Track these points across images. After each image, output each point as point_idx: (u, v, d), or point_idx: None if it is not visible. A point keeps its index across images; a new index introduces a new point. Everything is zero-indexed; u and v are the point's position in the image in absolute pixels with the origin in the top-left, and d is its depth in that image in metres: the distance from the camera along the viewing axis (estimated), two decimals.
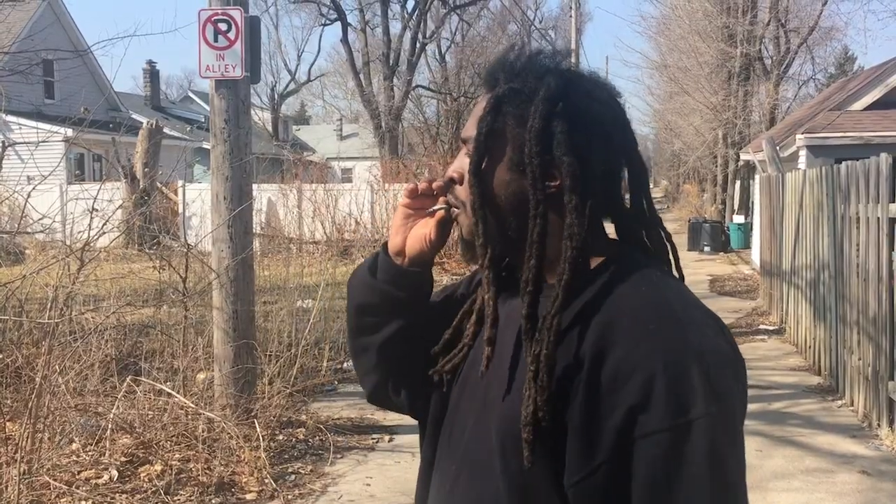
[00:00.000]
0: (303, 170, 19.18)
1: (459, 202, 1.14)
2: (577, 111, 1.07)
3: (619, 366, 0.97)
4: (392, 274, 1.21)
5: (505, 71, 1.12)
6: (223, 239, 5.48)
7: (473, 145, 1.10)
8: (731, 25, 20.67)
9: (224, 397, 5.34)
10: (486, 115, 1.09)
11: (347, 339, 1.36)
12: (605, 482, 0.98)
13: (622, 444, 0.96)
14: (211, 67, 5.43)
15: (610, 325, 1.00)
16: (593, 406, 0.98)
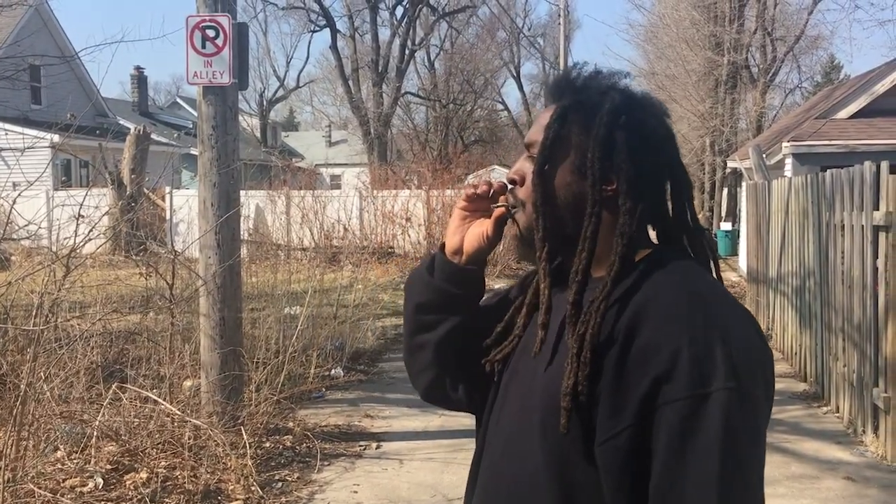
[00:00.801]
0: (291, 176, 19.17)
1: (519, 201, 1.26)
2: (636, 124, 1.21)
3: (648, 341, 1.08)
4: (449, 272, 1.33)
5: (570, 85, 1.26)
6: (210, 245, 5.47)
7: (539, 149, 1.23)
8: (718, 34, 20.82)
9: (211, 404, 5.32)
10: (553, 122, 1.22)
11: (404, 339, 1.45)
12: (627, 444, 1.07)
13: (646, 410, 1.06)
14: (199, 74, 5.42)
15: (644, 305, 1.12)
16: (623, 377, 1.08)
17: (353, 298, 9.46)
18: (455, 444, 5.65)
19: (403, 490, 4.78)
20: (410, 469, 5.14)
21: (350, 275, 11.62)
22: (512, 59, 51.87)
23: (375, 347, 8.68)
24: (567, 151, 1.21)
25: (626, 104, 1.21)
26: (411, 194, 18.13)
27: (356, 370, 7.74)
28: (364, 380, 7.51)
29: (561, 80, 1.29)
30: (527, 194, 1.24)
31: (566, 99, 1.24)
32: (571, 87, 1.26)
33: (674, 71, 24.21)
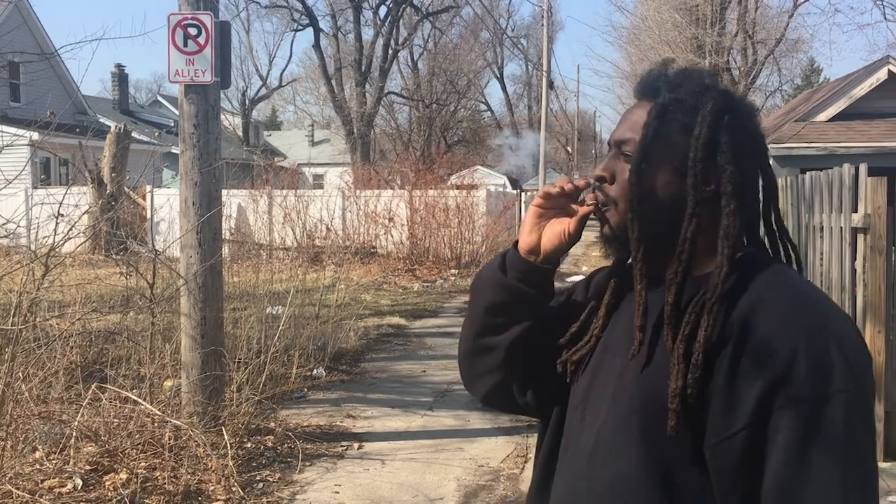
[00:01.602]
0: (274, 175, 19.08)
1: (611, 200, 1.24)
2: (739, 125, 1.21)
3: (763, 342, 1.08)
4: (524, 271, 1.29)
5: (665, 82, 1.24)
6: (192, 245, 5.44)
7: (638, 147, 1.20)
8: (699, 36, 20.96)
9: (191, 405, 5.29)
10: (653, 120, 1.20)
11: (465, 341, 1.39)
12: (742, 446, 1.07)
13: (762, 412, 1.06)
14: (180, 72, 5.40)
15: (754, 306, 1.11)
16: (737, 377, 1.08)
17: (336, 298, 9.44)
18: (437, 444, 5.65)
19: (385, 490, 4.78)
20: (392, 469, 5.14)
21: (332, 275, 11.59)
22: (495, 59, 51.99)
23: (358, 348, 8.67)
24: (666, 150, 1.20)
25: (728, 104, 1.21)
26: (394, 194, 18.11)
27: (338, 370, 7.72)
28: (346, 380, 7.50)
29: (654, 76, 1.27)
30: (620, 193, 1.22)
31: (663, 96, 1.22)
32: (667, 83, 1.24)
33: None
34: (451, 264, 16.74)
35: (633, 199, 1.20)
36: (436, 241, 17.25)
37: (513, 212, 22.20)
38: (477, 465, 5.25)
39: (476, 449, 5.56)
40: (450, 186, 19.07)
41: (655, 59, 23.98)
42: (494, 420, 6.27)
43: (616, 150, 1.25)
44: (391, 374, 7.84)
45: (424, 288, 14.58)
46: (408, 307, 11.97)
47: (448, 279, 15.70)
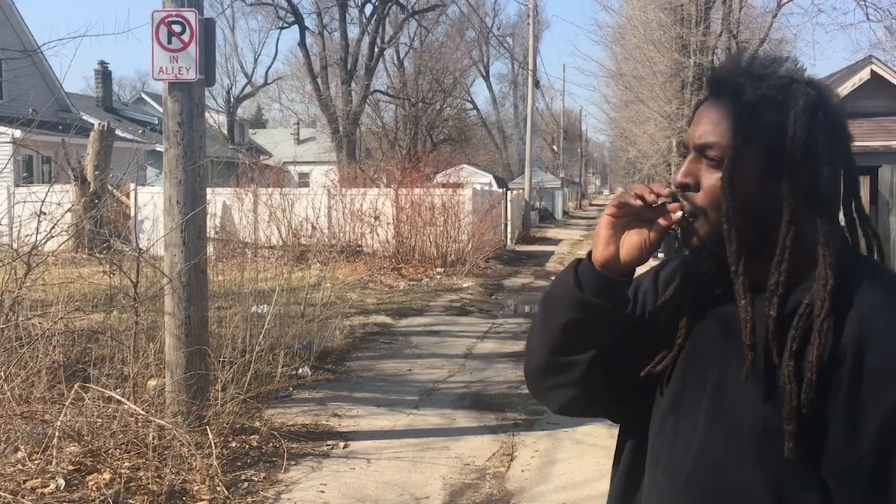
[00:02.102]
0: (259, 174, 18.99)
1: (699, 209, 1.15)
2: (832, 122, 1.14)
3: (884, 362, 1.03)
4: (602, 286, 1.20)
5: (747, 77, 1.15)
6: (176, 243, 5.41)
7: (730, 153, 1.12)
8: (684, 36, 21.04)
9: (175, 404, 5.26)
10: (742, 123, 1.12)
11: (541, 358, 1.28)
12: (869, 471, 1.03)
13: (889, 436, 1.02)
14: (164, 69, 5.36)
15: (867, 319, 1.05)
16: (858, 398, 1.03)
17: (321, 297, 9.42)
18: (423, 442, 5.65)
19: (371, 489, 4.77)
20: (378, 468, 5.13)
21: (318, 273, 11.56)
22: (481, 58, 52.04)
23: (343, 346, 8.65)
24: (757, 154, 1.12)
25: (819, 99, 1.14)
26: (380, 193, 18.08)
27: (324, 369, 7.70)
28: (332, 379, 7.48)
29: (730, 70, 1.18)
30: (709, 201, 1.14)
31: (749, 94, 1.13)
32: (749, 78, 1.15)
33: (641, 72, 24.42)
34: (437, 263, 16.74)
35: (728, 210, 1.11)
36: (422, 240, 17.23)
37: (499, 210, 22.21)
38: (463, 463, 5.25)
39: (462, 447, 5.56)
40: (436, 185, 19.06)
41: (641, 58, 24.09)
42: (480, 419, 6.27)
43: (697, 154, 1.16)
44: (377, 372, 7.83)
45: (410, 286, 14.56)
46: (394, 306, 11.96)
47: (434, 278, 15.70)
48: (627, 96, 27.68)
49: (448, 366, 8.07)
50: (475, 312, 11.94)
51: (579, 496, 4.72)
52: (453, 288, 14.47)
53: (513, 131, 55.44)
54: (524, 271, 18.02)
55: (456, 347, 9.07)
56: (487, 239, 19.05)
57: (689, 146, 1.19)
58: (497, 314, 11.81)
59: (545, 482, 4.97)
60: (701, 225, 1.16)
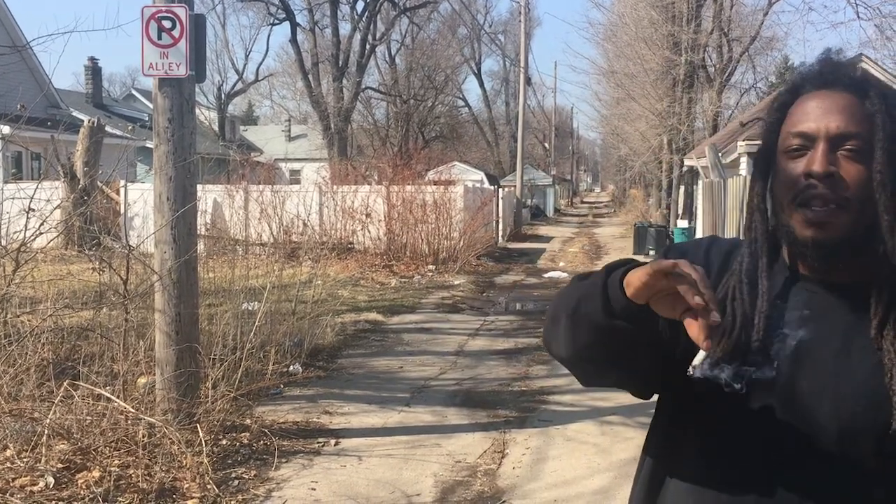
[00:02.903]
0: (250, 171, 18.93)
1: (843, 199, 1.13)
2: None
3: None
4: (630, 313, 1.12)
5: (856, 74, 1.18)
6: (166, 240, 5.38)
7: (882, 143, 1.12)
8: (675, 34, 21.09)
9: (166, 402, 5.24)
10: (885, 115, 1.13)
11: (568, 352, 1.23)
12: None
13: None
14: (154, 65, 5.33)
15: None
16: None
17: (312, 294, 9.40)
18: (414, 440, 5.65)
19: (362, 487, 4.76)
20: (369, 465, 5.12)
21: (309, 270, 11.54)
22: (473, 55, 52.00)
23: (334, 344, 8.63)
24: (891, 148, 1.13)
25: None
26: (371, 190, 18.05)
27: (315, 366, 7.68)
28: (323, 376, 7.46)
29: (840, 66, 1.20)
30: (855, 192, 1.12)
31: (873, 88, 1.16)
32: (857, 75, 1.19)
33: (632, 70, 24.46)
34: (429, 260, 16.73)
35: (886, 203, 1.12)
36: (413, 237, 17.22)
37: (490, 207, 22.21)
38: (454, 460, 5.25)
39: (453, 445, 5.56)
40: (427, 182, 19.04)
41: (632, 55, 24.14)
42: (472, 416, 6.27)
43: (832, 143, 1.14)
44: (368, 370, 7.82)
45: (402, 284, 14.55)
46: (385, 303, 11.95)
47: (425, 275, 15.69)
48: (619, 94, 27.74)
49: (439, 363, 8.07)
50: (466, 309, 11.94)
51: (570, 493, 4.73)
52: (445, 285, 14.47)
53: (504, 128, 55.45)
54: (516, 268, 18.03)
55: (447, 344, 9.07)
56: (479, 236, 19.06)
57: (814, 136, 1.15)
58: (488, 311, 11.82)
59: (536, 479, 4.97)
60: (843, 219, 1.13)
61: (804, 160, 1.15)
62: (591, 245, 24.90)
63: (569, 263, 19.02)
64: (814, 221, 1.13)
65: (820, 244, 1.14)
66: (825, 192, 1.13)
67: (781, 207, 1.18)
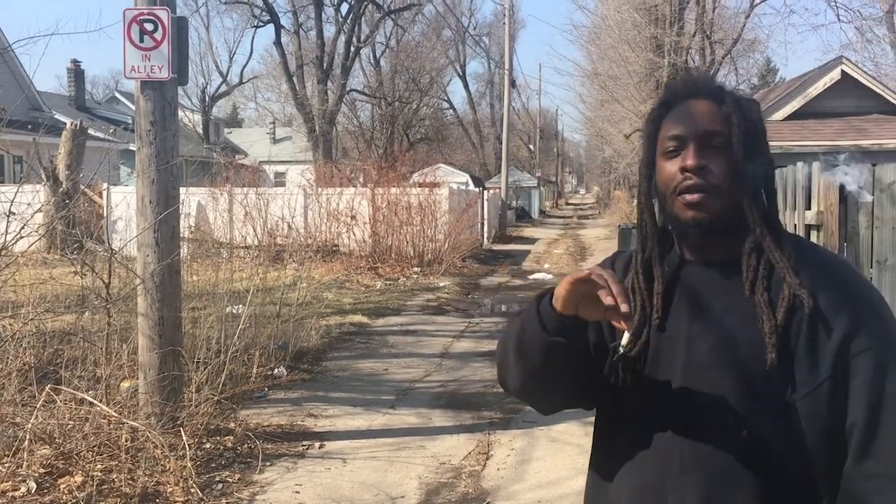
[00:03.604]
0: (234, 173, 18.86)
1: (713, 187, 1.35)
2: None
3: (832, 300, 1.30)
4: (563, 328, 1.33)
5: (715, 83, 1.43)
6: (149, 244, 5.36)
7: (737, 137, 1.35)
8: (658, 36, 21.19)
9: (149, 406, 5.22)
10: (738, 114, 1.36)
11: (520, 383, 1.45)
12: (828, 393, 1.28)
13: (841, 362, 1.29)
14: (136, 68, 5.32)
15: (816, 269, 1.34)
16: (814, 335, 1.29)
17: (297, 297, 9.37)
18: (399, 442, 5.65)
19: (346, 489, 4.76)
20: (354, 468, 5.12)
21: (294, 273, 11.51)
22: (457, 57, 52.02)
23: (319, 346, 8.63)
24: (743, 140, 1.36)
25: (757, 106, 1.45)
26: (356, 192, 18.03)
27: (299, 369, 7.67)
28: (307, 379, 7.45)
29: (702, 77, 1.48)
30: (722, 179, 1.34)
31: (730, 95, 1.39)
32: (716, 84, 1.43)
33: (616, 72, 24.55)
34: (414, 262, 16.74)
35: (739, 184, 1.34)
36: (398, 239, 17.22)
37: (475, 209, 22.24)
38: (438, 462, 5.26)
39: (438, 446, 5.56)
40: (412, 184, 19.04)
41: (616, 57, 24.22)
42: (456, 417, 6.28)
43: (700, 142, 1.36)
44: (353, 372, 7.82)
45: (387, 286, 14.55)
46: (370, 305, 11.94)
47: (411, 277, 15.69)
48: (603, 96, 27.82)
49: (424, 365, 8.07)
50: (452, 311, 11.95)
51: (554, 494, 4.74)
52: (430, 287, 14.47)
53: (489, 131, 55.51)
54: (501, 270, 18.06)
55: (432, 347, 9.08)
56: (464, 238, 19.08)
57: (685, 137, 1.37)
58: (473, 313, 11.84)
59: (521, 480, 4.99)
60: (715, 202, 1.34)
61: (679, 158, 1.37)
62: (576, 246, 24.98)
63: (554, 265, 19.08)
64: (692, 204, 1.35)
65: (699, 223, 1.35)
66: (699, 182, 1.35)
67: (665, 200, 1.40)
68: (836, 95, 13.79)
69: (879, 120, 13.73)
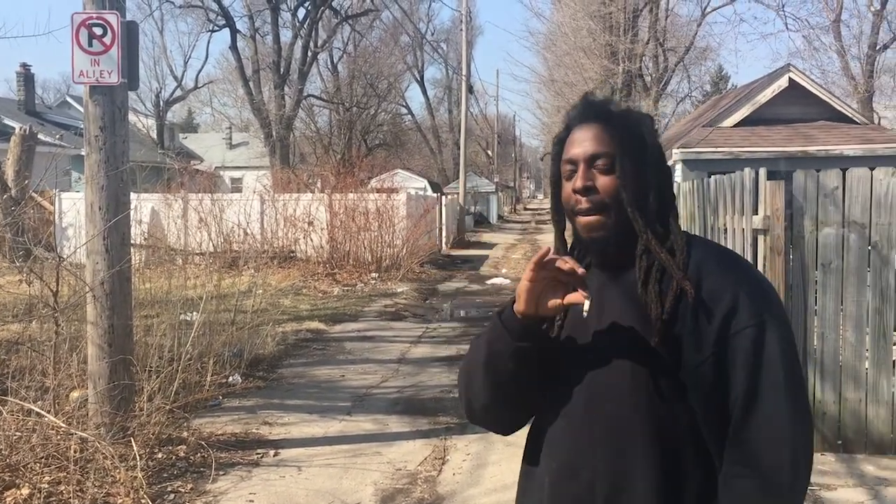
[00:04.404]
0: (189, 179, 18.62)
1: (604, 205, 1.50)
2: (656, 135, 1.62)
3: (713, 288, 1.45)
4: (526, 333, 1.51)
5: (608, 106, 1.56)
6: (98, 251, 5.28)
7: (620, 158, 1.49)
8: (613, 43, 21.47)
9: (99, 416, 5.13)
10: (622, 137, 1.50)
11: (487, 397, 1.60)
12: (713, 367, 1.43)
13: (722, 340, 1.43)
14: (85, 73, 5.24)
15: (702, 262, 1.48)
16: (699, 317, 1.44)
17: (253, 304, 9.29)
18: (355, 448, 5.63)
19: (301, 497, 4.73)
20: (309, 476, 5.09)
21: (250, 280, 11.40)
22: (415, 63, 52.12)
23: (275, 353, 8.56)
24: (631, 158, 1.51)
25: (651, 121, 1.60)
26: (314, 198, 17.93)
27: (255, 377, 7.60)
28: (263, 386, 7.39)
29: (592, 102, 1.57)
30: (610, 197, 1.49)
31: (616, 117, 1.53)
32: (610, 107, 1.56)
33: (572, 78, 24.81)
34: (372, 268, 16.69)
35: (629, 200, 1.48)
36: (356, 245, 17.16)
37: (433, 215, 22.27)
38: (395, 468, 5.26)
39: (394, 452, 5.56)
40: (370, 190, 19.00)
41: (571, 64, 24.48)
42: (413, 423, 6.28)
43: (588, 165, 1.50)
44: (309, 379, 7.77)
45: (345, 292, 14.49)
46: (327, 311, 11.88)
47: (368, 283, 15.65)
48: (559, 102, 28.09)
49: (381, 371, 8.06)
50: (409, 317, 11.95)
51: (509, 497, 4.75)
52: (388, 293, 14.45)
53: (447, 136, 55.65)
54: (459, 275, 18.10)
55: (389, 352, 9.06)
56: (422, 244, 19.09)
57: (577, 160, 1.52)
58: (431, 318, 11.84)
59: (476, 485, 5.00)
60: (608, 218, 1.50)
61: (573, 181, 1.52)
62: (534, 251, 25.11)
63: (511, 270, 19.17)
64: (588, 225, 1.51)
65: (595, 241, 1.52)
66: (589, 205, 1.50)
67: (569, 218, 1.56)
68: (785, 102, 14.11)
69: (826, 126, 14.08)
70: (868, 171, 5.33)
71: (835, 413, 5.29)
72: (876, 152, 12.89)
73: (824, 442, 5.28)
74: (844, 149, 13.22)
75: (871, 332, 5.28)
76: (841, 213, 5.29)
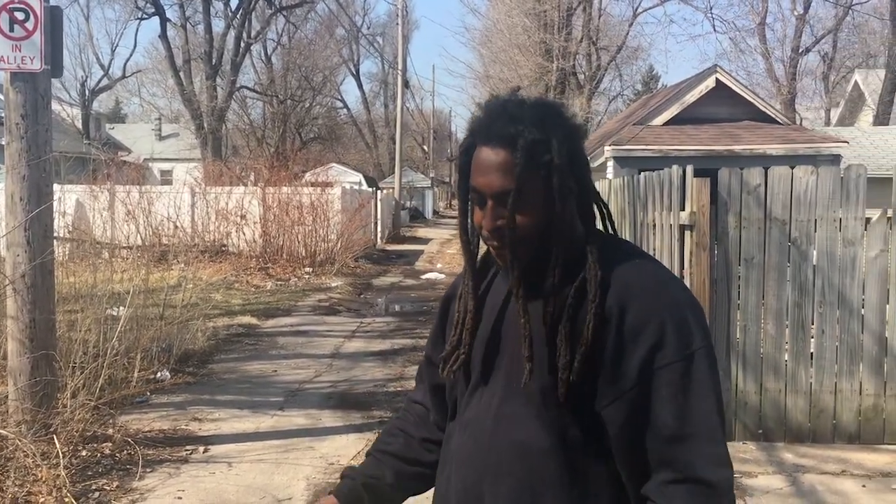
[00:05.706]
0: (116, 170, 18.10)
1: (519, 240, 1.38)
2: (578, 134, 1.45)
3: (637, 318, 1.34)
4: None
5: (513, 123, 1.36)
6: (19, 243, 5.10)
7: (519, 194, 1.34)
8: (547, 41, 21.73)
9: (19, 413, 4.97)
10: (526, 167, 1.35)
11: None
12: (632, 402, 1.33)
13: (645, 373, 1.32)
14: (6, 59, 5.05)
15: (625, 289, 1.36)
16: (621, 348, 1.33)
17: (183, 298, 9.11)
18: (287, 444, 5.58)
19: (231, 494, 4.67)
20: (240, 472, 5.03)
21: (179, 274, 11.17)
22: (351, 57, 51.79)
23: (206, 348, 8.41)
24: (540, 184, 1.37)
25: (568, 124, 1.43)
26: (246, 191, 17.67)
27: (184, 372, 7.46)
28: (193, 382, 7.26)
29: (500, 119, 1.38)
30: (525, 231, 1.38)
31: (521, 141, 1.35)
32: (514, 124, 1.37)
33: (507, 75, 25.01)
34: (306, 262, 16.54)
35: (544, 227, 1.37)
36: (290, 239, 16.97)
37: (368, 209, 22.18)
38: (327, 463, 5.23)
39: (327, 447, 5.53)
40: (304, 184, 18.81)
41: (507, 61, 24.69)
42: (346, 417, 6.26)
43: (496, 201, 1.37)
44: (241, 374, 7.66)
45: (278, 286, 14.33)
46: (260, 306, 11.74)
47: (302, 277, 15.51)
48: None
49: (315, 366, 8.00)
50: (344, 312, 11.89)
51: None
52: (322, 287, 14.35)
53: (383, 131, 55.46)
54: (394, 270, 18.09)
55: (323, 347, 9.01)
56: (357, 238, 18.99)
57: (484, 193, 1.37)
58: (366, 313, 11.81)
59: None
60: (519, 250, 1.39)
61: (482, 211, 1.39)
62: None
63: (446, 265, 19.25)
64: (499, 256, 1.43)
65: (509, 268, 1.42)
66: (497, 244, 1.40)
67: (482, 239, 1.45)
68: (712, 102, 14.51)
69: (750, 126, 14.53)
70: (789, 170, 5.52)
71: (756, 403, 5.48)
72: (797, 152, 13.36)
73: (746, 431, 5.46)
74: (768, 148, 13.68)
75: (791, 324, 5.48)
76: (763, 210, 5.48)
